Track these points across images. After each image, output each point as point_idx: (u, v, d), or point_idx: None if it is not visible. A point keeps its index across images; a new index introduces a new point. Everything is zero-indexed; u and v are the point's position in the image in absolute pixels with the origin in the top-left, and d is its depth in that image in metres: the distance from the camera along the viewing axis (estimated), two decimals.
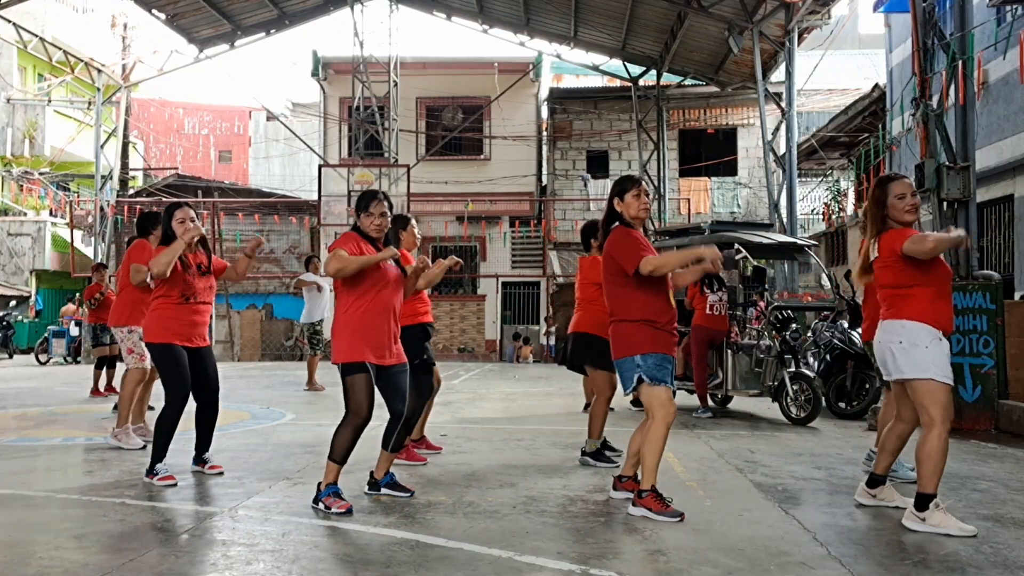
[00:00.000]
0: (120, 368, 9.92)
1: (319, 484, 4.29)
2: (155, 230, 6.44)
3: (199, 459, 5.26)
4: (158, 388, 5.57)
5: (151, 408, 8.43)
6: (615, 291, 4.33)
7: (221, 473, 5.16)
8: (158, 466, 4.89)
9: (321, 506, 4.20)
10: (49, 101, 22.73)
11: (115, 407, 8.66)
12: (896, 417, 4.34)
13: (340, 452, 4.23)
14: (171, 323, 5.03)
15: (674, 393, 4.25)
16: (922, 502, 3.93)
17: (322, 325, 11.34)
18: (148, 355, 6.25)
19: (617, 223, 4.38)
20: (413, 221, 5.97)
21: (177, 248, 4.96)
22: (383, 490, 4.54)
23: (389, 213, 4.44)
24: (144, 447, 6.08)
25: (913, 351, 3.99)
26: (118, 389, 9.16)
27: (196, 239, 5.07)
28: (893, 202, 4.12)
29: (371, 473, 4.60)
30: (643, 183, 4.44)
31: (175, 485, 4.79)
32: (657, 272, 4.16)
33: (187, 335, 5.08)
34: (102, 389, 10.15)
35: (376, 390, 4.30)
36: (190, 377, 5.05)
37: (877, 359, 4.25)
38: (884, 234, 4.13)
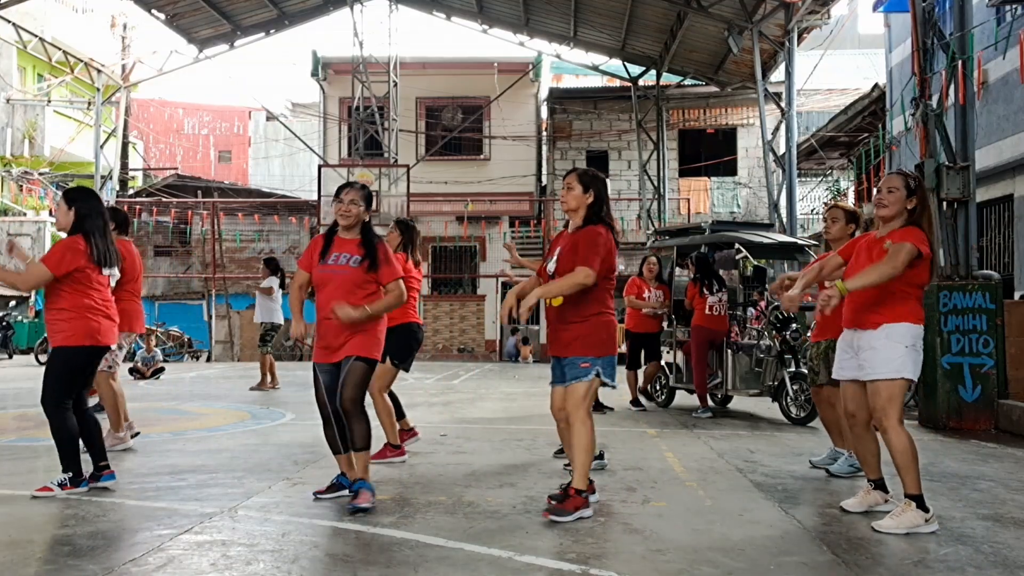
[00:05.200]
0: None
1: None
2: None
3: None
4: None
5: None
6: None
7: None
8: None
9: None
10: (49, 101, 22.72)
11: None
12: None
13: (328, 446, 4.55)
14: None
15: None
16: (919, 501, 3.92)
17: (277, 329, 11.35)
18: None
19: None
20: (402, 226, 6.05)
21: None
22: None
23: (364, 204, 4.43)
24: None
25: None
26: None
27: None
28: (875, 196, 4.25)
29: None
30: (569, 176, 4.31)
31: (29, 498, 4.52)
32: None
33: None
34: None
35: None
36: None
37: None
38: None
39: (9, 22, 17.56)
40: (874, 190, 4.24)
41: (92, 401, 8.86)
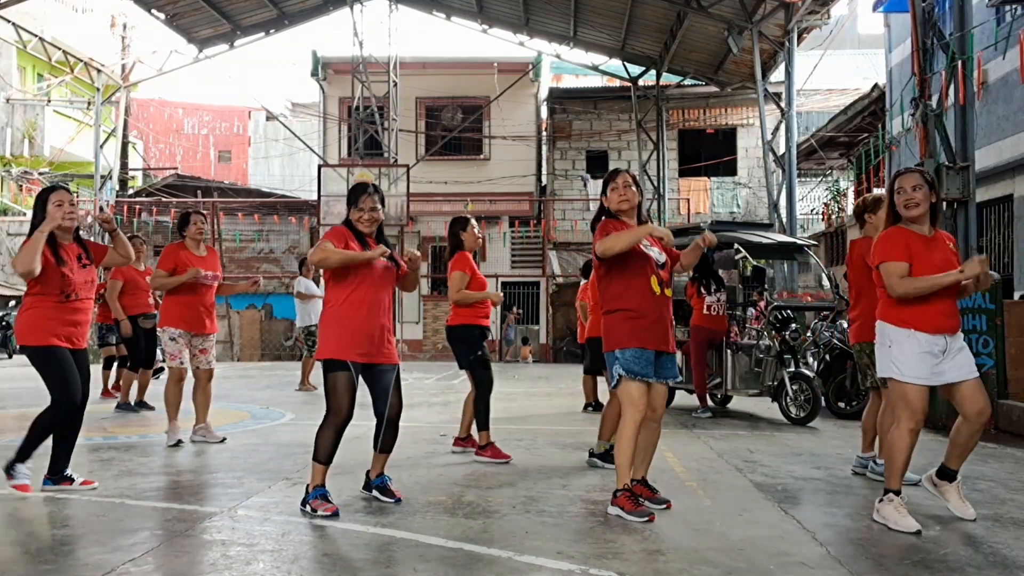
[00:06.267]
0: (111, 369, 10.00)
1: (307, 486, 4.26)
2: (186, 230, 6.54)
3: (61, 476, 4.71)
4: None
5: (151, 408, 8.47)
6: (599, 283, 4.40)
7: (94, 488, 4.70)
8: (18, 467, 4.61)
9: (308, 508, 4.14)
10: (49, 101, 22.73)
11: (117, 406, 8.70)
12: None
13: (323, 452, 4.19)
14: (50, 323, 4.59)
15: (672, 390, 4.26)
16: (885, 493, 4.05)
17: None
18: (182, 354, 6.36)
19: (604, 216, 4.40)
20: (473, 221, 5.99)
21: (38, 239, 4.59)
22: (373, 492, 4.47)
23: (381, 207, 4.37)
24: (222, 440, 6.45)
25: (881, 350, 4.10)
26: (119, 389, 9.22)
27: (69, 227, 4.71)
28: (896, 198, 4.10)
29: (367, 473, 4.58)
30: (622, 175, 4.36)
31: (25, 498, 4.50)
32: (608, 252, 4.12)
33: (68, 335, 4.63)
34: (110, 388, 10.15)
35: (370, 389, 4.34)
36: (79, 381, 4.61)
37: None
38: (880, 234, 4.15)
39: (9, 22, 17.55)
40: (877, 191, 4.14)
41: (113, 401, 9.00)
